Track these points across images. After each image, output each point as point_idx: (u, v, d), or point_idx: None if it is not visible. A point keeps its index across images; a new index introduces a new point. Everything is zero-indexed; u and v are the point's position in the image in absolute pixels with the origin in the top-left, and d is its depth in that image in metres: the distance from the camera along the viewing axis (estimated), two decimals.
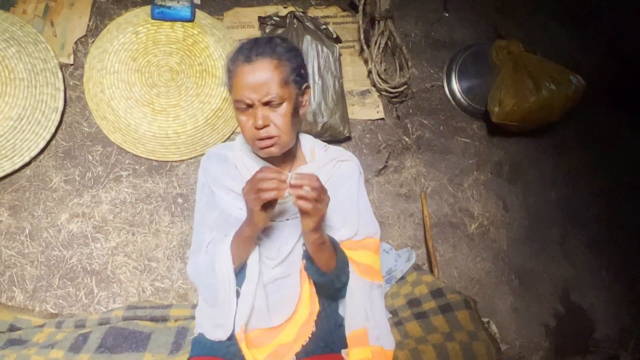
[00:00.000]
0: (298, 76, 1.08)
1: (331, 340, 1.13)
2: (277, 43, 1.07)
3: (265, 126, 1.04)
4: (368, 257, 1.19)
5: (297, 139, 1.22)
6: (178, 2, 1.92)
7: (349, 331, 1.15)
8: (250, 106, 1.04)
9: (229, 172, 1.18)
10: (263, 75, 1.02)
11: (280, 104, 1.05)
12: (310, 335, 1.09)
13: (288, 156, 1.19)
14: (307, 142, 1.25)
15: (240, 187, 1.12)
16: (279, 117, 1.05)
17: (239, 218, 1.10)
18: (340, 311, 1.20)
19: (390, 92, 2.14)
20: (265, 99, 1.02)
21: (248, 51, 1.04)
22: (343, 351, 1.13)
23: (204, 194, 1.21)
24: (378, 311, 1.20)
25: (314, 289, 1.13)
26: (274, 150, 1.08)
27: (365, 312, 1.15)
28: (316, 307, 1.11)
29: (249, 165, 1.16)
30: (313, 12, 2.20)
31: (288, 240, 1.12)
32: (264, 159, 1.17)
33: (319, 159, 1.19)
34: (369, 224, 1.21)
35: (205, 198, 1.20)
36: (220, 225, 1.16)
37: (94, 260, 1.75)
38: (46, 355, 1.19)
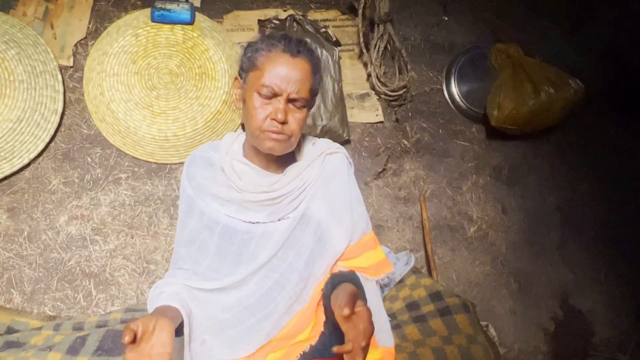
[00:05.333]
0: (316, 90, 1.11)
1: (330, 344, 1.12)
2: (313, 50, 1.09)
3: (283, 122, 1.03)
4: (373, 256, 1.18)
5: None
6: (178, 5, 1.92)
7: None
8: (274, 96, 1.03)
9: (215, 177, 1.15)
10: (301, 73, 1.02)
11: (302, 108, 1.05)
12: (307, 349, 1.07)
13: (280, 156, 1.17)
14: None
15: (228, 193, 1.11)
16: (295, 121, 1.05)
17: (227, 225, 1.09)
18: None
19: (390, 96, 2.15)
20: (294, 96, 1.02)
21: (289, 43, 1.03)
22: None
23: (183, 200, 1.19)
24: (379, 309, 1.18)
25: (319, 318, 1.11)
26: (278, 148, 1.06)
27: (373, 312, 1.14)
28: (316, 335, 1.09)
29: (238, 169, 1.13)
30: (313, 15, 2.20)
31: (274, 245, 1.10)
32: (254, 160, 1.15)
33: (308, 155, 1.17)
34: (362, 219, 1.19)
35: (184, 205, 1.18)
36: (196, 235, 1.14)
37: (92, 263, 1.74)
38: (44, 358, 1.18)
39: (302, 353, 1.06)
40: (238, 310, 1.07)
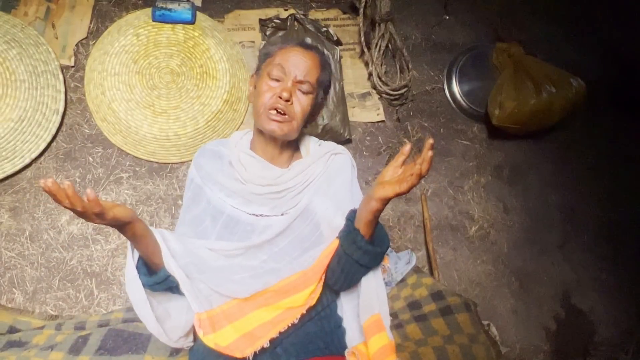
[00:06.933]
0: (325, 87, 1.21)
1: (331, 341, 1.12)
2: (324, 53, 1.24)
3: (288, 102, 1.09)
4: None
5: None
6: (179, 5, 1.92)
7: (366, 317, 1.09)
8: (283, 78, 1.11)
9: (222, 169, 1.18)
10: (310, 62, 1.12)
11: (308, 94, 1.13)
12: (290, 324, 1.04)
13: (288, 149, 1.21)
14: (303, 139, 1.29)
15: (233, 184, 1.14)
16: (299, 104, 1.12)
17: (232, 216, 1.11)
18: (339, 311, 1.19)
19: (391, 95, 2.14)
20: (301, 78, 1.10)
21: (303, 42, 1.18)
22: (346, 351, 1.10)
23: (190, 189, 1.21)
24: (384, 296, 1.16)
25: (320, 286, 1.08)
26: (279, 130, 1.10)
27: (377, 296, 1.12)
28: (312, 302, 1.07)
29: (245, 161, 1.17)
30: (314, 14, 2.20)
31: (274, 231, 1.11)
32: (260, 153, 1.18)
33: (314, 153, 1.21)
34: None
35: (191, 193, 1.20)
36: (199, 221, 1.15)
37: (94, 262, 1.75)
38: (46, 357, 1.18)
39: (290, 324, 1.04)
40: (229, 264, 1.08)
